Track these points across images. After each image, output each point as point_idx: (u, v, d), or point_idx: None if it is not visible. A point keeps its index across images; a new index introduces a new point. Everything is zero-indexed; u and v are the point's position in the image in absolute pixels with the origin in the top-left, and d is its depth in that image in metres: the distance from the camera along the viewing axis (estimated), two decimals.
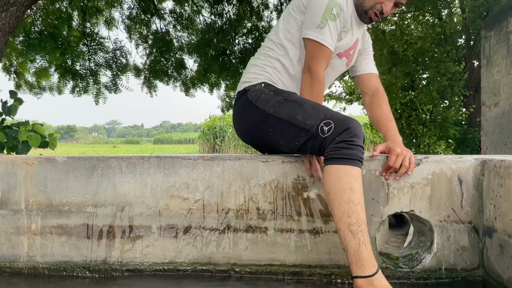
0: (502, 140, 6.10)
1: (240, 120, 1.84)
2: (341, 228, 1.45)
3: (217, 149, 24.94)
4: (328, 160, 1.51)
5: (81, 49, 7.55)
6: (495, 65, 6.24)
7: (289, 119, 1.63)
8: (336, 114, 1.56)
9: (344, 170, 1.46)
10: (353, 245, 1.41)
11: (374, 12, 1.73)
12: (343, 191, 1.45)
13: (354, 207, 1.43)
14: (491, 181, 1.60)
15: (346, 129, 1.48)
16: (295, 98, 1.68)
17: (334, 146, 1.49)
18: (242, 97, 1.81)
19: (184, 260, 1.77)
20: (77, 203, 1.79)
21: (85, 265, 1.79)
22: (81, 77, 7.59)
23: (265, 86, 1.76)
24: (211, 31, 7.46)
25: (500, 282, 1.53)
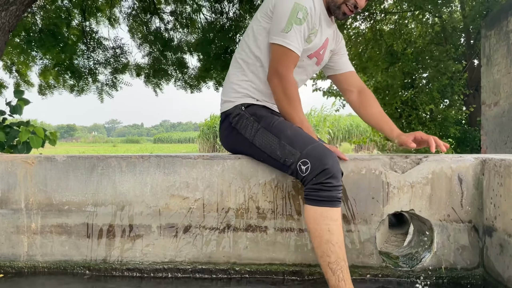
0: (502, 139, 6.10)
1: (227, 142, 1.84)
2: (322, 264, 1.50)
3: (217, 148, 24.94)
4: (307, 200, 1.51)
5: (80, 47, 7.55)
6: (495, 64, 6.24)
7: (269, 153, 1.61)
8: (313, 151, 1.52)
9: (321, 213, 1.47)
10: (333, 281, 1.47)
11: (348, 7, 1.70)
12: (322, 232, 1.47)
13: (332, 248, 1.47)
14: (491, 180, 1.60)
15: (323, 170, 1.46)
16: (274, 127, 1.63)
17: (312, 187, 1.49)
18: (225, 120, 1.79)
19: (184, 259, 1.77)
20: (77, 202, 1.79)
21: (85, 264, 1.79)
22: (80, 76, 7.59)
23: (245, 108, 1.72)
24: (212, 30, 7.45)
25: (500, 281, 1.53)
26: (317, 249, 1.50)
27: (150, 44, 7.67)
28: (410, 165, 1.70)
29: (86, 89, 7.72)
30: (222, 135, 1.86)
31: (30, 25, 6.81)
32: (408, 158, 1.71)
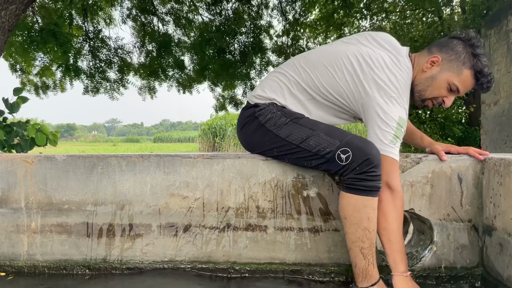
0: (502, 139, 6.10)
1: (245, 132, 1.79)
2: (353, 249, 1.53)
3: (217, 147, 24.94)
4: (347, 188, 1.52)
5: (83, 47, 7.57)
6: (495, 63, 6.24)
7: (298, 143, 1.59)
8: (353, 140, 1.52)
9: (363, 201, 1.49)
10: (363, 265, 1.53)
11: (433, 102, 1.68)
12: (361, 220, 1.50)
13: (369, 235, 1.51)
14: (490, 179, 1.60)
15: (366, 159, 1.47)
16: (305, 121, 1.63)
17: (355, 177, 1.49)
18: (249, 110, 1.76)
19: (184, 258, 1.77)
20: (77, 202, 1.79)
21: (85, 263, 1.79)
22: (88, 76, 7.61)
23: (274, 105, 1.70)
24: (210, 30, 7.46)
25: (500, 280, 1.53)
26: (351, 234, 1.52)
27: (148, 44, 7.68)
28: (410, 165, 1.70)
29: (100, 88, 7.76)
30: (240, 123, 1.81)
31: (31, 25, 6.82)
32: (408, 158, 1.71)
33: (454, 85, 1.61)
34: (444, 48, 1.63)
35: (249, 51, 7.75)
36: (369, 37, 1.69)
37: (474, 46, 1.59)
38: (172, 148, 30.42)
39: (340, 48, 1.67)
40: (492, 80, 1.62)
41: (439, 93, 1.64)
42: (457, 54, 1.60)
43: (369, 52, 1.60)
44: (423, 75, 1.64)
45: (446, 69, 1.61)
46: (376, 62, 1.56)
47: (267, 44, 8.17)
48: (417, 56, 1.68)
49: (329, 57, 1.65)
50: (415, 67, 1.65)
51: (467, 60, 1.59)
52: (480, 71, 1.59)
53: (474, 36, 1.61)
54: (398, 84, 1.53)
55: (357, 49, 1.62)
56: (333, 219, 1.73)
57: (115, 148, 29.95)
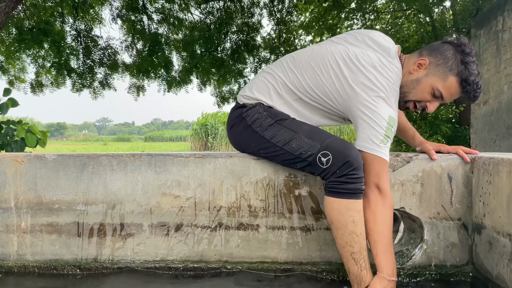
0: (491, 138, 6.16)
1: (233, 132, 1.79)
2: (344, 255, 1.51)
3: (209, 146, 24.89)
4: (329, 193, 1.50)
5: (74, 45, 7.52)
6: (485, 63, 6.30)
7: (282, 146, 1.59)
8: (333, 143, 1.51)
9: (346, 204, 1.47)
10: (355, 270, 1.50)
11: (415, 105, 1.66)
12: (346, 224, 1.48)
13: (356, 238, 1.48)
14: (480, 178, 1.61)
15: (346, 162, 1.46)
16: (289, 123, 1.62)
17: (336, 180, 1.48)
18: (237, 110, 1.75)
19: (175, 257, 1.77)
20: (68, 201, 1.78)
21: (75, 263, 1.78)
22: (79, 74, 7.57)
23: (261, 105, 1.69)
24: (201, 28, 7.45)
25: (489, 278, 1.55)
26: (340, 239, 1.50)
27: (138, 43, 7.65)
28: (401, 164, 1.71)
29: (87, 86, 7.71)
30: (229, 123, 1.81)
31: (21, 23, 6.75)
32: (399, 157, 1.72)
33: (438, 91, 1.58)
34: (434, 52, 1.60)
35: (240, 50, 7.75)
36: (359, 36, 1.68)
37: (465, 53, 1.56)
38: (164, 147, 30.31)
39: (327, 48, 1.66)
40: (480, 90, 1.57)
41: (422, 97, 1.62)
42: (445, 59, 1.57)
43: (356, 52, 1.59)
44: (409, 77, 1.62)
45: (432, 73, 1.58)
46: (364, 62, 1.55)
47: (259, 42, 8.18)
48: (408, 57, 1.68)
49: (316, 58, 1.64)
50: (404, 68, 1.64)
51: (454, 67, 1.56)
52: (466, 79, 1.55)
53: (466, 42, 1.58)
54: (386, 84, 1.51)
55: (344, 49, 1.62)
56: (324, 218, 1.74)
57: (106, 147, 29.77)
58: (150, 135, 56.90)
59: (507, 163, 1.42)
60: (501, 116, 5.81)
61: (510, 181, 1.40)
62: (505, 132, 5.71)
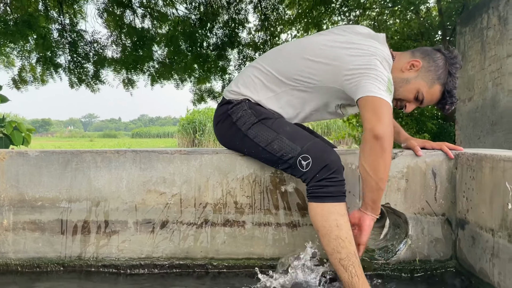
0: (475, 134, 6.25)
1: (219, 129, 1.77)
2: (333, 262, 1.47)
3: (197, 143, 24.80)
4: (311, 198, 1.50)
5: (60, 40, 7.41)
6: (470, 60, 6.37)
7: (264, 146, 1.58)
8: (313, 147, 1.51)
9: (329, 208, 1.46)
10: (346, 278, 1.44)
11: (398, 103, 1.69)
12: (330, 229, 1.45)
13: (342, 243, 1.44)
14: (463, 174, 1.63)
15: (325, 166, 1.46)
16: (272, 123, 1.61)
17: (316, 184, 1.47)
18: (223, 106, 1.73)
19: (161, 255, 1.76)
20: (51, 198, 1.75)
21: (59, 261, 1.76)
22: (69, 70, 7.47)
23: (247, 102, 1.67)
24: (185, 24, 7.40)
25: (472, 272, 1.57)
26: (327, 246, 1.47)
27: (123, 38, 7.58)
28: None
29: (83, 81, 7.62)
30: (215, 118, 1.79)
31: (5, 17, 6.63)
32: None
33: (421, 95, 1.62)
34: (427, 56, 1.63)
35: (225, 46, 7.73)
36: (345, 28, 1.70)
37: (453, 65, 1.62)
38: (151, 143, 30.12)
39: (315, 38, 1.67)
40: (455, 103, 1.65)
41: (406, 97, 1.65)
42: (437, 67, 1.61)
43: (344, 39, 1.61)
44: (400, 75, 1.64)
45: (421, 77, 1.62)
46: (356, 43, 1.57)
47: (244, 39, 8.16)
48: (400, 54, 1.69)
49: (306, 48, 1.64)
50: (395, 63, 1.65)
51: (442, 76, 1.61)
52: (450, 90, 1.62)
53: (456, 55, 1.64)
54: (378, 52, 1.52)
55: (334, 37, 1.63)
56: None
57: (92, 143, 29.47)
58: (137, 131, 56.49)
59: (490, 159, 1.44)
60: (485, 112, 5.89)
61: (493, 177, 1.42)
62: (489, 129, 5.79)
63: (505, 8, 5.26)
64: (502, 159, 1.37)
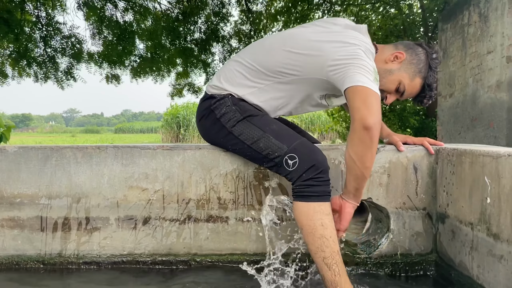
0: (456, 130, 6.35)
1: (202, 125, 1.75)
2: (317, 261, 1.48)
3: (181, 138, 24.65)
4: (297, 197, 1.50)
5: (35, 34, 7.24)
6: (451, 57, 6.46)
7: (249, 144, 1.57)
8: (300, 146, 1.51)
9: (314, 208, 1.47)
10: (329, 276, 1.44)
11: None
12: (315, 228, 1.46)
13: (327, 242, 1.45)
14: (444, 169, 1.65)
15: (312, 166, 1.46)
16: (257, 120, 1.60)
17: (302, 183, 1.47)
18: (206, 101, 1.71)
19: (143, 251, 1.74)
20: (30, 195, 1.72)
21: (39, 258, 1.73)
22: (39, 64, 7.30)
23: (230, 97, 1.65)
24: (168, 18, 7.32)
25: (452, 265, 1.59)
26: (311, 245, 1.47)
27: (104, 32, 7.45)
28: None
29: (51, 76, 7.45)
30: (198, 113, 1.77)
31: None
32: None
33: (403, 86, 1.64)
34: (410, 50, 1.66)
35: (208, 40, 7.68)
36: (328, 20, 1.71)
37: (434, 60, 1.65)
38: (134, 139, 29.84)
39: (297, 30, 1.67)
40: (433, 97, 1.68)
41: (388, 88, 1.66)
42: (419, 60, 1.64)
43: (329, 30, 1.62)
44: (383, 66, 1.65)
45: (404, 69, 1.64)
46: (340, 33, 1.57)
47: (227, 32, 8.12)
48: (382, 46, 1.71)
49: (288, 40, 1.62)
50: (379, 55, 1.66)
51: (423, 70, 1.64)
52: (430, 84, 1.65)
53: (437, 51, 1.67)
54: (361, 44, 1.52)
55: (315, 30, 1.63)
56: None
57: (74, 139, 29.06)
58: (120, 126, 55.90)
59: (470, 154, 1.46)
60: (466, 108, 5.99)
61: (473, 172, 1.44)
62: (469, 124, 5.89)
63: (486, 5, 5.35)
64: (481, 154, 1.39)
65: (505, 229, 1.25)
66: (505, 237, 1.25)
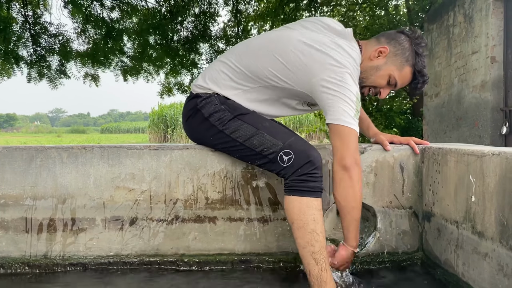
0: (442, 129, 6.42)
1: (189, 125, 1.74)
2: (305, 255, 1.49)
3: (169, 138, 24.52)
4: (290, 191, 1.50)
5: (22, 33, 7.13)
6: (437, 57, 6.53)
7: (242, 141, 1.57)
8: (295, 143, 1.53)
9: (307, 202, 1.48)
10: (316, 271, 1.46)
11: (370, 90, 1.67)
12: (307, 222, 1.47)
13: (317, 237, 1.46)
14: (429, 168, 1.67)
15: (308, 162, 1.48)
16: (249, 117, 1.60)
17: (297, 178, 1.49)
18: (192, 101, 1.70)
19: (130, 252, 1.73)
20: (14, 196, 1.69)
21: (24, 260, 1.70)
22: (30, 63, 7.20)
23: (216, 96, 1.64)
24: (155, 16, 7.27)
25: (437, 263, 1.61)
26: (300, 239, 1.48)
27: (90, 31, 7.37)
28: None
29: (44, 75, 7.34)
30: (184, 114, 1.75)
31: None
32: None
33: (393, 79, 1.63)
34: (392, 41, 1.64)
35: (196, 39, 7.65)
36: (314, 21, 1.68)
37: (419, 45, 1.62)
38: (121, 139, 29.60)
39: (284, 33, 1.64)
40: (427, 81, 1.66)
41: (379, 83, 1.65)
42: (403, 49, 1.62)
43: (315, 36, 1.58)
44: (369, 63, 1.64)
45: (390, 62, 1.62)
46: (326, 44, 1.54)
47: (215, 32, 8.09)
48: (365, 43, 1.69)
49: (276, 45, 1.60)
50: (364, 53, 1.65)
51: (410, 58, 1.62)
52: (420, 70, 1.62)
53: (420, 35, 1.64)
54: (349, 63, 1.51)
55: (303, 33, 1.60)
56: (281, 209, 1.74)
57: (60, 139, 28.72)
58: (107, 126, 55.42)
59: (455, 153, 1.48)
60: (451, 108, 6.06)
61: (458, 171, 1.46)
62: (454, 123, 5.97)
63: (471, 6, 5.42)
64: (466, 153, 1.40)
65: (489, 227, 1.27)
66: (490, 235, 1.27)
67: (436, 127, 6.65)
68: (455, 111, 5.94)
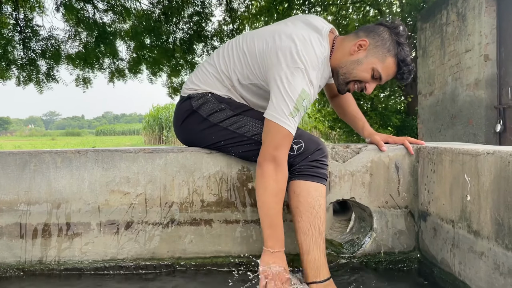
0: (436, 127, 6.44)
1: (185, 127, 1.74)
2: (305, 239, 1.51)
3: (164, 140, 24.46)
4: (299, 176, 1.53)
5: (13, 36, 7.09)
6: (430, 55, 6.56)
7: (250, 136, 1.60)
8: (304, 133, 1.58)
9: (315, 188, 1.52)
10: (317, 256, 1.50)
11: (356, 85, 1.64)
12: (313, 206, 1.51)
13: (320, 222, 1.52)
14: (425, 167, 1.67)
15: (319, 149, 1.55)
16: (253, 113, 1.63)
17: (308, 164, 1.53)
18: (185, 103, 1.70)
19: (126, 256, 1.72)
20: (8, 201, 1.68)
21: (18, 266, 1.69)
22: (20, 67, 7.15)
23: (210, 95, 1.66)
24: (149, 18, 7.25)
25: (434, 263, 1.61)
26: (304, 222, 1.51)
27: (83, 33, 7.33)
28: (351, 154, 1.75)
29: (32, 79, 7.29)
30: (176, 119, 1.75)
31: None
32: (348, 148, 1.75)
33: (377, 72, 1.59)
34: (371, 33, 1.61)
35: (192, 40, 7.64)
36: (297, 18, 1.70)
37: (399, 34, 1.59)
38: (116, 141, 29.49)
39: (264, 31, 1.66)
40: (413, 70, 1.62)
41: (363, 77, 1.61)
42: (383, 40, 1.58)
43: (285, 29, 1.59)
44: (349, 58, 1.61)
45: (371, 55, 1.59)
46: (290, 36, 1.54)
47: (211, 32, 8.09)
48: (343, 38, 1.66)
49: (248, 47, 1.64)
50: (340, 49, 1.63)
51: (391, 48, 1.58)
52: (403, 59, 1.58)
53: (399, 24, 1.61)
54: (307, 58, 1.49)
55: (276, 28, 1.62)
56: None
57: (54, 142, 28.57)
58: (102, 128, 55.24)
59: (450, 152, 1.48)
60: (445, 106, 6.08)
61: (453, 170, 1.46)
62: (449, 122, 5.99)
63: (463, 5, 5.44)
64: (461, 152, 1.41)
65: (485, 226, 1.27)
66: (485, 234, 1.27)
67: (430, 126, 6.67)
68: (450, 109, 5.96)
